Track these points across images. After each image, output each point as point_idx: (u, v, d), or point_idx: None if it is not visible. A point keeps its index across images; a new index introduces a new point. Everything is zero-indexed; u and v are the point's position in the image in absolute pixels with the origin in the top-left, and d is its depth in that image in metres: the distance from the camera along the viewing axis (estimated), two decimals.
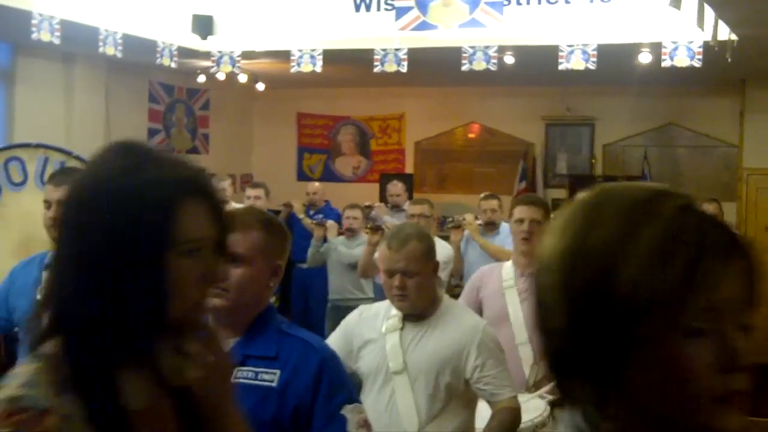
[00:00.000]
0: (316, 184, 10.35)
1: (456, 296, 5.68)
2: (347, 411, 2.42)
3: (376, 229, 7.07)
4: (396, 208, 9.31)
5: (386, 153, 14.28)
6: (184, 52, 9.27)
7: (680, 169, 12.37)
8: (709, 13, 6.66)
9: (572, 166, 12.98)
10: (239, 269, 2.43)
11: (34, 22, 7.54)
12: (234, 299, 2.43)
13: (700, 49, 7.56)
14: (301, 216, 9.06)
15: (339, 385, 2.46)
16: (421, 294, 3.41)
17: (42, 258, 3.79)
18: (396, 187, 9.65)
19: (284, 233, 2.63)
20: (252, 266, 2.46)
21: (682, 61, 7.63)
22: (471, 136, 13.72)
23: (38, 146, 5.99)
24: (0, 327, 3.83)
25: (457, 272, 7.44)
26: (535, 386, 4.28)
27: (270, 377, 2.41)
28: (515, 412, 3.42)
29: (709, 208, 4.78)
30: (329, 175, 14.42)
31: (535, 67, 8.99)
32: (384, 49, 8.35)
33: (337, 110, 14.36)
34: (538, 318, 1.21)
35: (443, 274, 6.61)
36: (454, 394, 3.40)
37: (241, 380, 2.38)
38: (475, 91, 12.62)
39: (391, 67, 8.37)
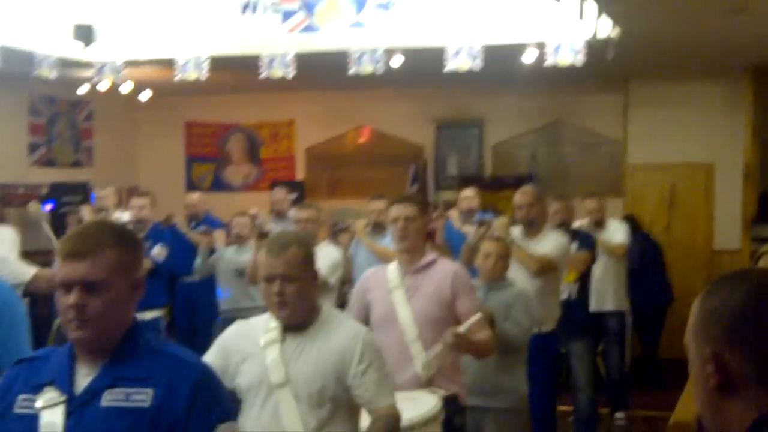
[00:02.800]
0: (195, 195, 10.14)
1: (345, 302, 5.68)
2: (222, 429, 2.36)
3: (263, 235, 7.00)
4: (279, 215, 9.21)
5: (277, 160, 14.15)
6: (65, 63, 9.02)
7: (567, 166, 12.56)
8: (592, 8, 6.78)
9: (462, 168, 13.07)
10: (97, 297, 2.32)
11: None
12: (96, 327, 2.33)
13: (583, 47, 7.69)
14: (185, 230, 8.89)
15: (214, 402, 2.39)
16: (300, 301, 3.37)
17: None
18: (278, 194, 9.55)
19: (138, 243, 2.52)
20: (110, 290, 2.34)
21: (565, 59, 7.76)
22: (362, 140, 13.69)
23: None
24: None
25: (346, 276, 7.43)
26: (429, 382, 4.30)
27: (142, 397, 2.31)
28: (394, 420, 3.39)
29: (591, 203, 4.84)
30: (219, 185, 14.23)
31: (423, 68, 9.01)
32: (270, 55, 8.27)
33: (225, 118, 14.16)
34: None
35: (333, 278, 6.61)
36: (339, 403, 3.36)
37: (113, 403, 2.30)
38: (364, 95, 12.61)
39: (277, 72, 8.31)
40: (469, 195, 8.76)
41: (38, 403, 2.32)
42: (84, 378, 2.36)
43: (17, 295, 3.78)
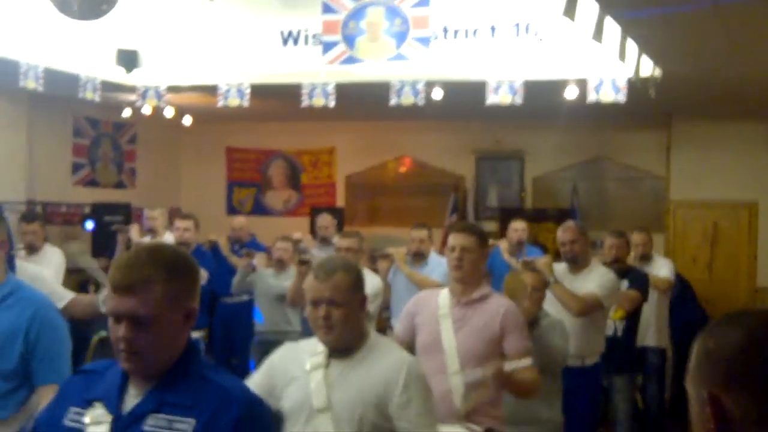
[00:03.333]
0: (242, 218, 10.22)
1: (385, 328, 5.64)
2: None
3: (305, 261, 7.00)
4: (324, 241, 9.20)
5: (317, 187, 14.21)
6: (109, 86, 9.11)
7: (609, 201, 12.50)
8: (632, 47, 6.73)
9: (502, 199, 13.05)
10: (147, 331, 2.29)
11: None
12: (147, 359, 2.31)
13: (625, 85, 7.63)
14: (227, 253, 8.92)
15: None
16: (347, 326, 3.33)
17: None
18: (325, 220, 9.55)
19: (191, 271, 2.44)
20: (160, 323, 2.30)
21: (607, 96, 7.70)
22: (402, 169, 13.72)
23: None
24: None
25: (385, 303, 7.42)
26: (466, 417, 4.24)
27: (184, 426, 2.27)
28: None
29: (639, 237, 4.77)
30: (260, 209, 14.32)
31: (464, 101, 9.01)
32: (311, 84, 8.30)
33: (266, 144, 14.26)
34: None
35: (373, 307, 6.57)
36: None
37: (154, 429, 2.27)
38: (404, 125, 12.64)
39: (319, 102, 8.33)
40: (519, 227, 8.87)
41: (86, 419, 2.32)
42: (132, 399, 2.34)
43: (58, 313, 3.79)
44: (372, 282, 6.66)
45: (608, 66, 7.51)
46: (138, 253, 2.40)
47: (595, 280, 6.18)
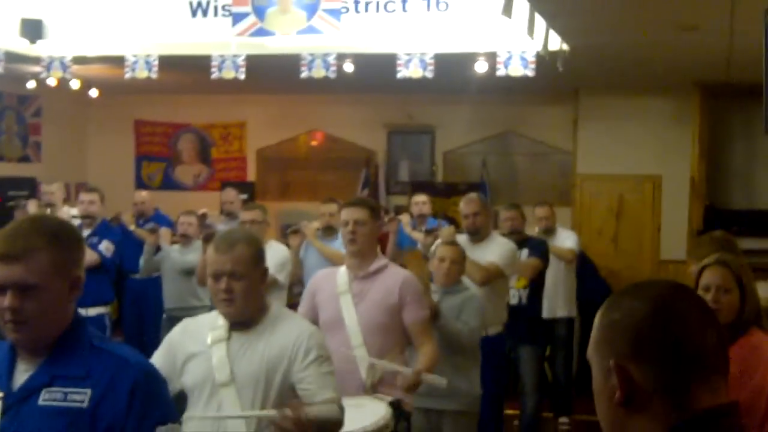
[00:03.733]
0: (144, 193, 10.08)
1: (296, 304, 5.65)
2: (162, 431, 2.31)
3: (209, 236, 6.95)
4: (230, 215, 9.15)
5: (228, 161, 14.08)
6: (13, 57, 8.87)
7: (517, 175, 12.68)
8: (541, 23, 6.81)
9: (414, 173, 13.12)
10: (33, 299, 2.25)
11: None
12: (34, 328, 2.27)
13: (534, 59, 7.73)
14: (132, 227, 8.80)
15: (154, 404, 2.33)
16: (248, 299, 3.33)
17: None
18: (229, 195, 9.48)
19: (76, 239, 2.42)
20: (46, 292, 2.27)
21: (516, 70, 7.77)
22: (314, 143, 13.69)
23: None
24: None
25: (296, 277, 7.43)
26: (372, 388, 4.29)
27: (80, 397, 2.26)
28: (338, 408, 3.34)
29: (542, 210, 4.89)
30: (169, 184, 14.14)
31: (375, 75, 9.01)
32: (221, 56, 8.21)
33: (176, 117, 14.07)
34: None
35: (282, 276, 6.60)
36: (285, 402, 3.29)
37: (50, 402, 2.25)
38: (316, 99, 12.60)
39: (229, 74, 8.23)
40: (420, 200, 8.87)
41: None
42: (23, 375, 2.31)
43: None
44: (279, 252, 6.70)
45: (517, 40, 7.60)
46: (21, 223, 2.39)
47: (495, 250, 6.32)
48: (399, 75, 7.95)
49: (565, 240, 8.36)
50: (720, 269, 3.63)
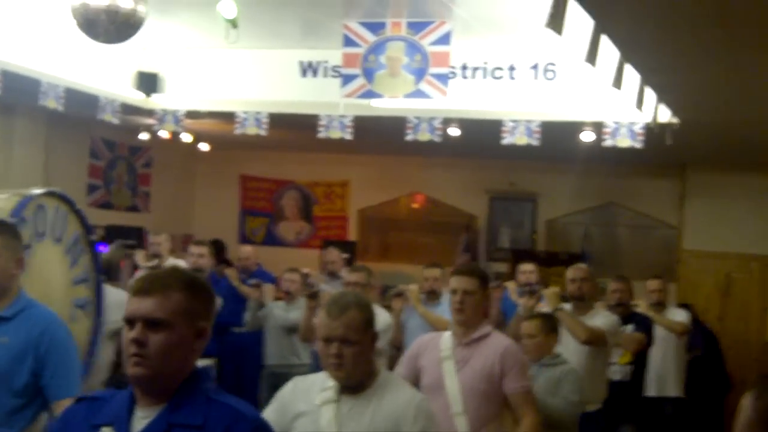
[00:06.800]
0: (248, 248, 10.20)
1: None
2: None
3: (313, 295, 7.00)
4: (332, 275, 9.18)
5: (329, 219, 14.22)
6: (128, 109, 9.16)
7: (620, 248, 12.46)
8: (650, 95, 6.74)
9: (514, 240, 13.02)
10: (159, 335, 2.31)
11: None
12: (155, 366, 2.31)
13: (642, 131, 7.64)
14: (236, 283, 8.90)
15: None
16: (358, 364, 3.31)
17: None
18: (332, 255, 9.52)
19: (209, 293, 2.50)
20: (173, 331, 2.32)
21: (623, 141, 7.71)
22: (415, 206, 13.73)
23: (54, 194, 5.27)
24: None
25: (397, 341, 7.37)
26: None
27: None
28: None
29: (654, 284, 4.76)
30: (271, 239, 14.32)
31: (480, 140, 9.02)
32: (329, 115, 8.33)
33: (281, 174, 14.30)
34: None
35: (382, 342, 6.53)
36: None
37: None
38: (419, 161, 12.66)
39: (335, 134, 8.34)
40: (528, 269, 8.72)
41: None
42: (141, 422, 2.33)
43: (68, 330, 3.82)
44: (381, 317, 6.64)
45: (625, 111, 7.53)
46: (162, 269, 2.59)
47: (599, 320, 6.21)
48: (504, 141, 7.95)
49: (676, 314, 8.12)
50: None
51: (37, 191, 5.00)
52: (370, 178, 13.56)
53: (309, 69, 8.39)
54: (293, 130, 10.22)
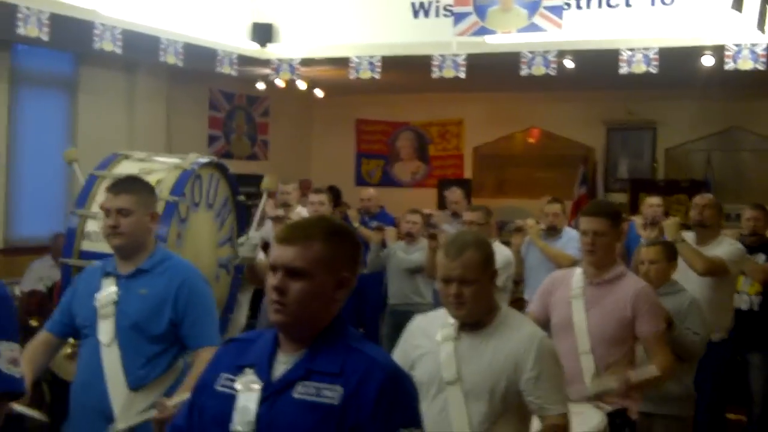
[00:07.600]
0: (371, 190, 10.26)
1: (517, 300, 5.64)
2: None
3: (433, 236, 7.08)
4: (455, 215, 9.23)
5: (445, 158, 14.26)
6: (244, 60, 9.33)
7: (744, 173, 12.16)
8: None
9: (633, 171, 12.84)
10: (298, 284, 2.36)
11: (96, 31, 7.64)
12: (294, 314, 2.36)
13: (765, 52, 7.43)
14: (356, 224, 9.03)
15: (399, 407, 2.35)
16: (478, 302, 3.32)
17: (104, 266, 3.84)
18: (455, 194, 9.53)
19: (353, 243, 2.51)
20: (312, 280, 2.36)
21: (745, 63, 7.51)
22: (530, 141, 13.64)
23: (213, 164, 5.34)
24: (63, 332, 3.88)
25: (518, 275, 7.40)
26: (596, 397, 4.22)
27: (332, 394, 2.31)
28: (562, 431, 3.32)
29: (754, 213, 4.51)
30: (387, 181, 14.46)
31: (596, 71, 8.90)
32: (442, 55, 8.33)
33: (395, 116, 14.38)
34: None
35: (502, 279, 6.55)
36: (509, 406, 3.28)
37: (304, 396, 2.32)
38: (534, 96, 12.55)
39: (449, 73, 8.35)
40: (655, 203, 8.48)
41: (237, 385, 2.38)
42: (282, 366, 2.39)
43: (205, 281, 3.98)
44: (502, 254, 6.66)
45: (746, 33, 7.32)
46: (307, 218, 2.69)
47: (721, 249, 6.09)
48: (621, 71, 7.83)
49: None
50: None
51: (197, 162, 5.05)
52: (485, 115, 13.52)
53: (421, 10, 8.39)
54: (406, 71, 10.25)
